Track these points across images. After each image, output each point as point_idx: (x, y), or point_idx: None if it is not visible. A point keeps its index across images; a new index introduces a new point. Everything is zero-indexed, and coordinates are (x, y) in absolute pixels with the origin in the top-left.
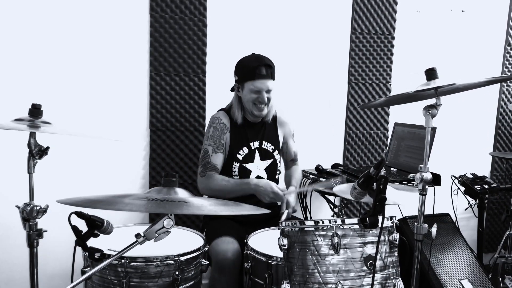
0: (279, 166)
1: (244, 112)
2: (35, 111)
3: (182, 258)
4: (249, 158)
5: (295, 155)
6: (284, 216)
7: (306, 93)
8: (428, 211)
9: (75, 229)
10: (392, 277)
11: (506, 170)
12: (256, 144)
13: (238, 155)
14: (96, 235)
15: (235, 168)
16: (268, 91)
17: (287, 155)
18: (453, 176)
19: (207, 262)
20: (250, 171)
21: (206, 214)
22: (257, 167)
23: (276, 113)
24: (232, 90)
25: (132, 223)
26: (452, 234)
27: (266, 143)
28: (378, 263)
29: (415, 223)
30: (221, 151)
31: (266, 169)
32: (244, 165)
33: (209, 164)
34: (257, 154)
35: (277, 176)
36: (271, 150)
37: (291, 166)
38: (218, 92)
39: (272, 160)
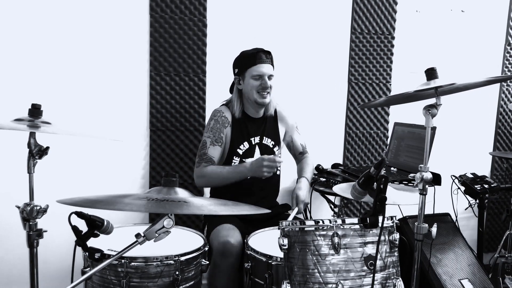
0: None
1: (244, 107)
2: (35, 111)
3: (182, 258)
4: (249, 153)
5: (304, 148)
6: (294, 212)
7: (306, 93)
8: (428, 210)
9: (75, 229)
10: (392, 277)
11: (506, 169)
12: (257, 139)
13: (238, 150)
14: (96, 235)
15: (235, 162)
16: (270, 77)
17: (294, 149)
18: (453, 175)
19: (207, 262)
20: None
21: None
22: None
23: (276, 108)
24: (230, 91)
25: (132, 223)
26: (452, 234)
27: (266, 138)
28: (379, 263)
29: (415, 223)
30: (219, 144)
31: None
32: (244, 160)
33: (205, 155)
34: (257, 149)
35: (278, 172)
36: (271, 146)
37: (301, 159)
38: (218, 92)
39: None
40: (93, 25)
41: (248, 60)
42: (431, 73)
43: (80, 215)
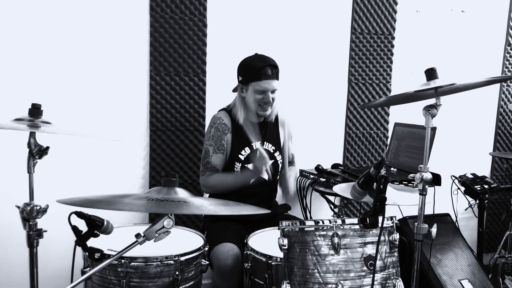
0: (280, 167)
1: (246, 113)
2: (35, 111)
3: (182, 258)
4: (251, 158)
5: (293, 157)
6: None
7: (306, 93)
8: (428, 211)
9: (75, 229)
10: (392, 277)
11: (506, 170)
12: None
13: (240, 155)
14: (96, 235)
15: (237, 168)
16: (273, 91)
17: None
18: (453, 176)
19: (207, 262)
20: None
21: (206, 214)
22: None
23: (277, 113)
24: (234, 90)
25: (132, 223)
26: (452, 234)
27: (267, 143)
28: (378, 263)
29: (415, 223)
30: (221, 152)
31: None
32: (246, 165)
33: (209, 164)
34: (258, 154)
35: (278, 177)
36: (272, 151)
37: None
38: (218, 92)
39: (273, 160)
40: (93, 25)
41: (253, 74)
42: (431, 73)
43: (80, 215)
